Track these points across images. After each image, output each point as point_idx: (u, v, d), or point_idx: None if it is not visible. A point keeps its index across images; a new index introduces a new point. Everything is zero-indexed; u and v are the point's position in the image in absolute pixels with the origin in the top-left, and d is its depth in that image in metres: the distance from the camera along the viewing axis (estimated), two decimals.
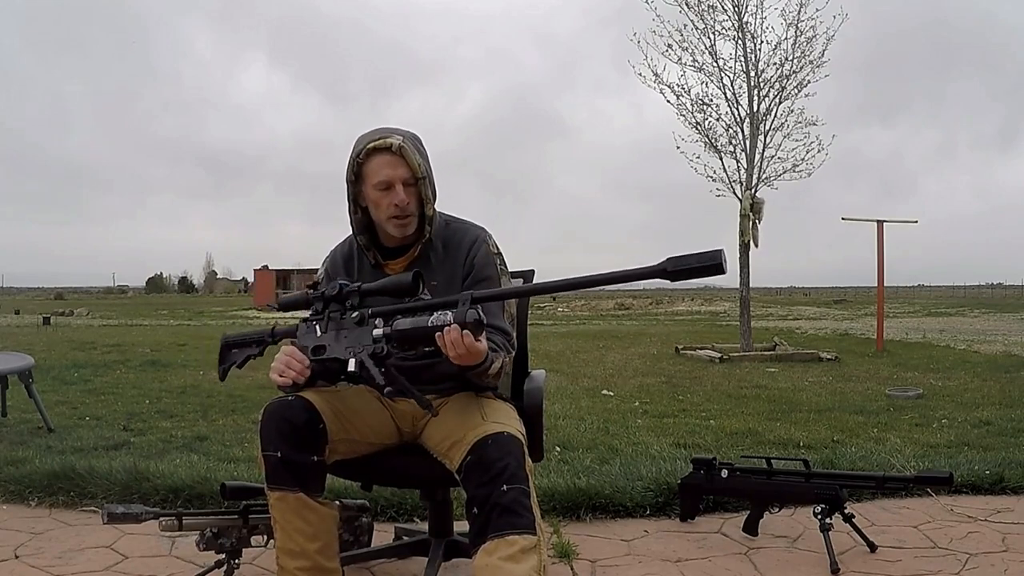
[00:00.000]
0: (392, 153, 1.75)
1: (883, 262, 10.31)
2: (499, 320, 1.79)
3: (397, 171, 1.75)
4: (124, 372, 7.19)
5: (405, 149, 1.75)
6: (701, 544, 2.46)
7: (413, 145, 1.78)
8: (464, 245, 1.86)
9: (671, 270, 1.38)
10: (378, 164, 1.76)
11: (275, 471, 1.65)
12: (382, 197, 1.77)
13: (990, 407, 5.09)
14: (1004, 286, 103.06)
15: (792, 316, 24.90)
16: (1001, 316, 22.90)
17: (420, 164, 1.77)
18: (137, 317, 24.11)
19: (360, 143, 1.78)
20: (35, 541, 2.41)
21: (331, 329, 1.63)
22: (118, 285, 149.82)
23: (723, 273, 1.37)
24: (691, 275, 1.39)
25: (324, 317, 1.64)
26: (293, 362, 1.64)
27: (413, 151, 1.76)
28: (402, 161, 1.75)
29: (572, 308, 34.95)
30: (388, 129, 1.80)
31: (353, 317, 1.60)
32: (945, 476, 2.47)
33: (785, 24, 9.50)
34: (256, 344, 1.78)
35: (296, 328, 1.69)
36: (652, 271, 1.41)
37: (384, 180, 1.76)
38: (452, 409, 1.79)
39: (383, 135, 1.77)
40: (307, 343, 1.65)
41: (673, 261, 1.39)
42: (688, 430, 4.23)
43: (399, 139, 1.75)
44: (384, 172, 1.75)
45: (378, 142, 1.75)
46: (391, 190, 1.76)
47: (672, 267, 1.38)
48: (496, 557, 1.50)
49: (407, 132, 1.81)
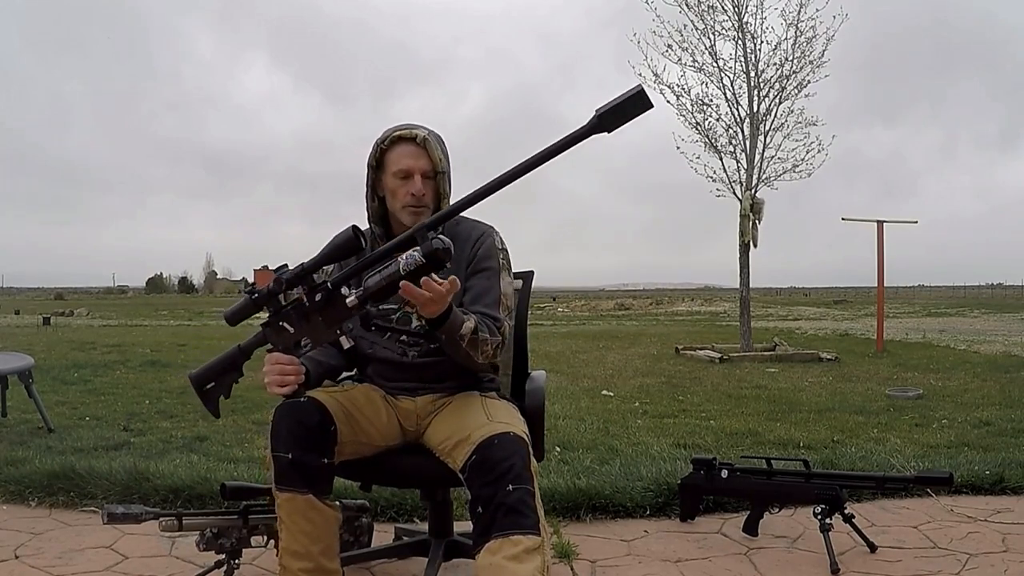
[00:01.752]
0: (416, 144, 1.78)
1: (883, 262, 10.31)
2: (493, 310, 1.79)
3: (418, 162, 1.78)
4: (124, 372, 7.19)
5: (429, 142, 1.78)
6: (701, 544, 2.46)
7: (436, 140, 1.81)
8: (471, 239, 1.87)
9: (604, 124, 1.35)
10: (400, 153, 1.79)
11: (285, 472, 1.65)
12: (400, 186, 1.79)
13: (990, 407, 5.09)
14: (1004, 286, 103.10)
15: (792, 316, 24.89)
16: (1001, 316, 22.89)
17: (441, 159, 1.80)
18: (137, 317, 24.10)
19: (386, 131, 1.82)
20: (35, 541, 2.41)
21: (300, 320, 1.53)
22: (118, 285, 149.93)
23: (651, 106, 1.34)
24: (623, 119, 1.35)
25: (287, 311, 1.54)
26: (285, 367, 1.58)
27: (436, 145, 1.79)
28: (424, 153, 1.78)
29: (572, 308, 34.96)
30: (415, 124, 1.83)
31: (318, 298, 1.50)
32: (945, 476, 2.47)
33: (785, 24, 9.52)
34: (231, 368, 1.66)
35: (264, 336, 1.59)
36: (586, 130, 1.37)
37: (404, 169, 1.78)
38: (455, 409, 1.79)
39: (410, 126, 1.81)
40: (284, 343, 1.56)
41: (602, 115, 1.35)
42: (688, 430, 4.23)
43: (424, 132, 1.79)
44: (405, 161, 1.78)
45: (404, 132, 1.79)
46: (409, 179, 1.78)
47: (603, 121, 1.35)
48: (500, 556, 1.50)
49: (433, 130, 1.84)
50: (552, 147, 1.39)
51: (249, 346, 1.63)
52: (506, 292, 1.85)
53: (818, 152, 9.58)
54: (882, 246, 10.23)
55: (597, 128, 1.36)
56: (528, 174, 1.43)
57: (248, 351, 1.64)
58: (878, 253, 10.27)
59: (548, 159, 1.39)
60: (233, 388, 1.69)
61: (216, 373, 1.66)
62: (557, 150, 1.39)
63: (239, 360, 1.65)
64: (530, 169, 1.41)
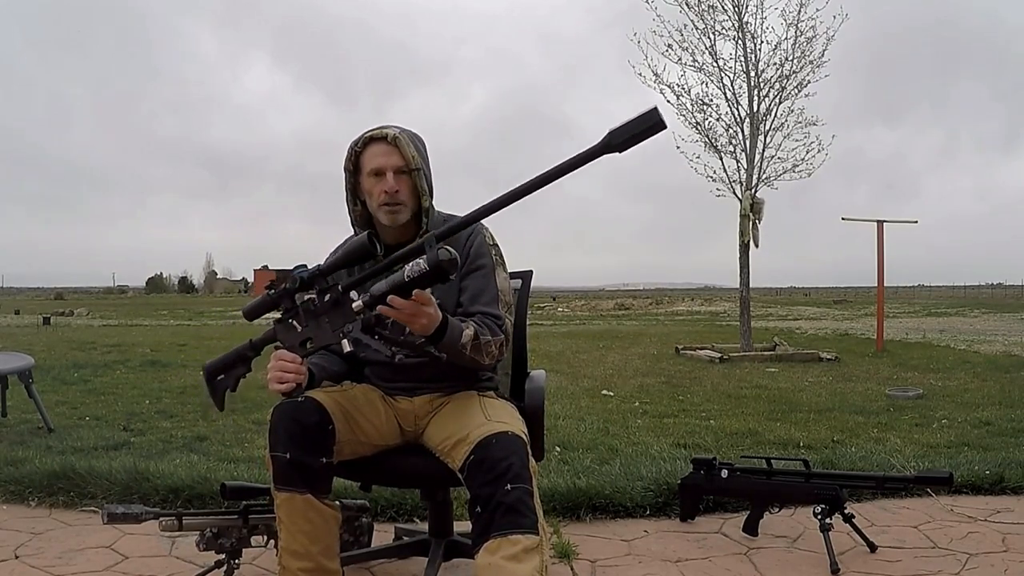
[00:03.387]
0: (387, 143, 1.78)
1: (883, 262, 10.31)
2: (492, 307, 1.81)
3: (390, 159, 1.78)
4: (124, 372, 7.19)
5: (400, 140, 1.78)
6: (701, 544, 2.46)
7: (409, 138, 1.81)
8: (461, 237, 1.86)
9: (616, 143, 1.36)
10: (373, 153, 1.80)
11: (284, 472, 1.65)
12: (375, 184, 1.80)
13: (990, 407, 5.09)
14: (1004, 286, 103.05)
15: (792, 316, 24.89)
16: (1001, 316, 22.89)
17: (414, 156, 1.79)
18: (137, 317, 24.10)
19: (360, 135, 1.83)
20: (35, 541, 2.41)
21: (309, 320, 1.59)
22: (118, 285, 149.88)
23: (665, 128, 1.33)
24: (635, 140, 1.35)
25: (297, 310, 1.60)
26: (287, 364, 1.62)
27: (408, 143, 1.79)
28: (395, 150, 1.78)
29: (572, 308, 34.95)
30: (389, 124, 1.83)
31: (327, 300, 1.56)
32: (945, 476, 2.47)
33: (785, 24, 9.51)
34: (240, 362, 1.73)
35: (274, 332, 1.65)
36: (598, 149, 1.37)
37: (376, 167, 1.78)
38: (454, 408, 1.79)
39: (382, 127, 1.81)
40: (291, 341, 1.62)
41: (614, 133, 1.36)
42: (688, 430, 4.23)
43: (395, 130, 1.80)
44: (377, 160, 1.79)
45: (375, 132, 1.80)
46: (382, 177, 1.78)
47: (615, 140, 1.35)
48: (499, 556, 1.50)
49: (407, 129, 1.84)
50: (563, 164, 1.40)
51: (260, 342, 1.68)
52: (503, 288, 1.85)
53: (818, 152, 9.58)
54: (882, 246, 10.23)
55: (608, 147, 1.37)
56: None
57: (259, 347, 1.69)
58: (878, 253, 10.27)
59: (559, 176, 1.40)
60: (240, 385, 1.72)
61: (227, 365, 1.73)
62: (568, 168, 1.40)
63: (248, 354, 1.71)
64: (541, 186, 1.42)
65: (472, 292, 1.82)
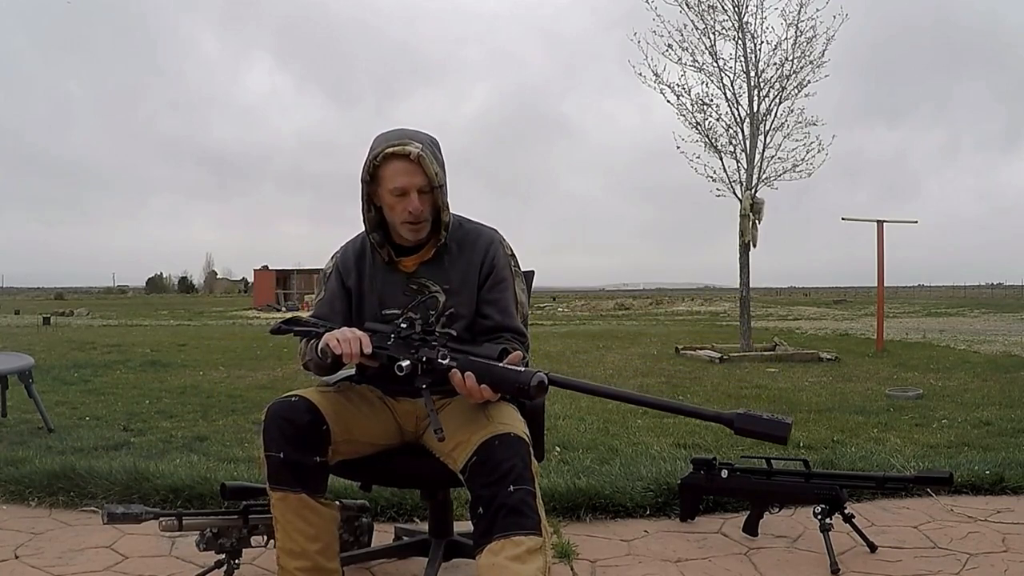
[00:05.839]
0: (410, 161, 1.72)
1: (883, 262, 10.30)
2: (514, 321, 1.84)
3: (414, 179, 1.74)
4: (124, 372, 7.19)
5: (423, 158, 1.72)
6: (701, 544, 2.46)
7: (431, 153, 1.76)
8: (479, 247, 1.87)
9: (736, 425, 1.49)
10: (394, 170, 1.74)
11: (277, 471, 1.65)
12: (397, 202, 1.76)
13: (990, 407, 5.09)
14: (1004, 286, 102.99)
15: (792, 316, 24.89)
16: (1001, 316, 22.89)
17: (437, 173, 1.76)
18: (137, 317, 24.10)
19: (378, 145, 1.76)
20: (35, 541, 2.41)
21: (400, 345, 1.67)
22: (118, 285, 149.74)
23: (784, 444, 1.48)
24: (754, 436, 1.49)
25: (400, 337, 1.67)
26: (356, 340, 1.64)
27: (431, 160, 1.74)
28: (419, 170, 1.73)
29: (572, 308, 34.95)
30: (408, 133, 1.77)
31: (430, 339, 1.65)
32: (945, 476, 2.47)
33: (785, 24, 9.51)
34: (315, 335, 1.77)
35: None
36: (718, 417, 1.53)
37: (400, 187, 1.74)
38: (456, 409, 1.79)
39: (402, 141, 1.74)
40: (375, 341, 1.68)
41: (742, 418, 1.49)
42: (688, 430, 4.22)
43: (418, 147, 1.73)
44: (400, 180, 1.74)
45: (397, 148, 1.73)
46: (406, 196, 1.75)
47: (740, 423, 1.49)
48: (502, 557, 1.50)
49: (426, 138, 1.79)
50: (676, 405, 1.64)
51: None
52: (521, 300, 1.90)
53: (818, 152, 9.59)
54: (882, 246, 10.23)
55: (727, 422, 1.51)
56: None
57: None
58: (878, 253, 10.26)
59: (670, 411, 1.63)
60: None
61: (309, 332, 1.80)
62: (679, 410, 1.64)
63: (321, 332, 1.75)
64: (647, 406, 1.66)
65: (498, 308, 1.85)
